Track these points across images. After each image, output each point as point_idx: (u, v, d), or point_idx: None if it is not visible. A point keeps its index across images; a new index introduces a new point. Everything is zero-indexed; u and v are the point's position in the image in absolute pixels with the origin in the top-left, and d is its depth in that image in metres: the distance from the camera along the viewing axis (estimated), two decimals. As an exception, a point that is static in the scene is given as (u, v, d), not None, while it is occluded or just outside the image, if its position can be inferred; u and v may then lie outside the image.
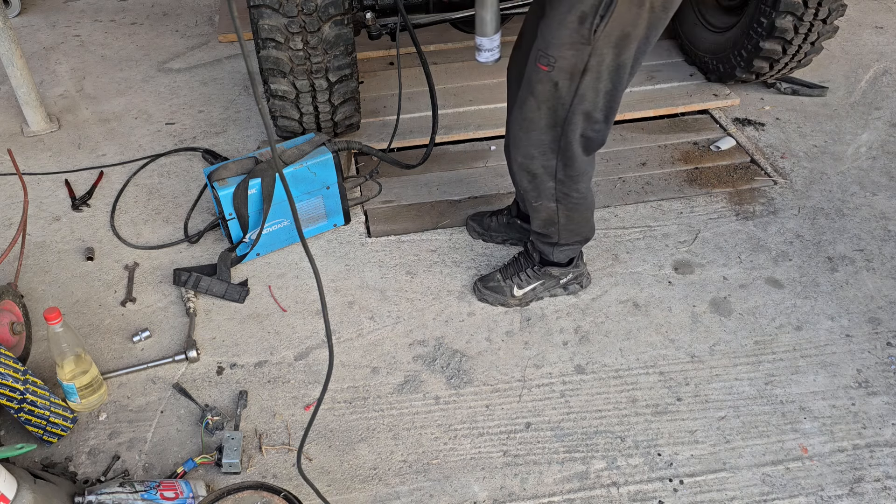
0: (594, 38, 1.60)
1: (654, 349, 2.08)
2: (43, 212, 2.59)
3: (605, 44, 1.62)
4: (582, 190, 1.96)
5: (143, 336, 2.12)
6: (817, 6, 2.62)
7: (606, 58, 1.65)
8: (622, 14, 1.57)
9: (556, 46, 1.66)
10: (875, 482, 1.76)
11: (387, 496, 1.76)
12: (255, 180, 2.23)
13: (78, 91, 3.24)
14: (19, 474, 1.53)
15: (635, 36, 1.63)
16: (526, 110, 1.81)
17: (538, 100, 1.77)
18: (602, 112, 1.76)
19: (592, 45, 1.62)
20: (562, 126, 1.79)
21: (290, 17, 2.18)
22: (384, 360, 2.07)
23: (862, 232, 2.43)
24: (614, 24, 1.59)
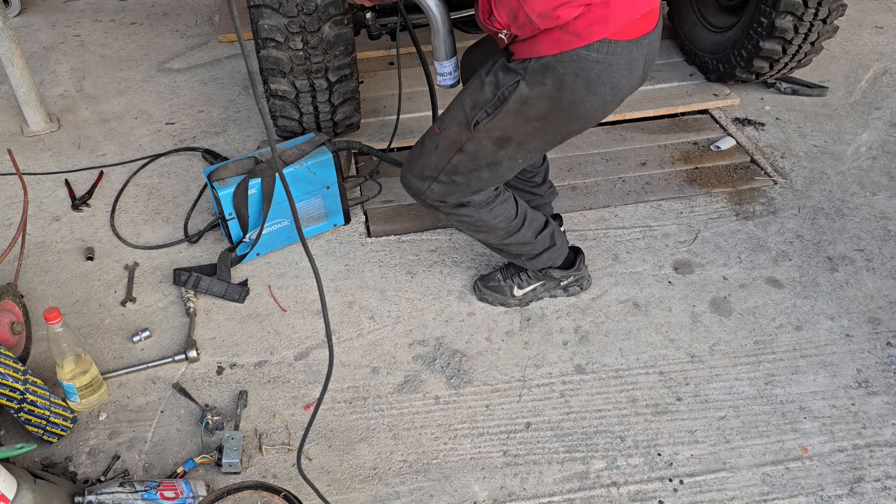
0: (475, 128, 1.68)
1: (654, 349, 2.08)
2: (43, 212, 2.59)
3: (485, 136, 1.70)
4: (471, 214, 1.92)
5: (143, 336, 2.12)
6: (817, 6, 2.62)
7: (484, 149, 1.73)
8: (506, 119, 1.63)
9: (450, 118, 1.75)
10: (875, 482, 1.76)
11: (387, 496, 1.76)
12: (255, 180, 2.23)
13: (78, 91, 3.24)
14: (19, 474, 1.53)
15: (516, 141, 1.70)
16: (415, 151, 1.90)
17: (423, 150, 1.86)
18: (469, 190, 1.84)
19: (472, 133, 1.70)
20: (430, 181, 1.86)
21: (290, 17, 2.18)
22: (384, 360, 2.07)
23: (862, 232, 2.43)
24: (496, 124, 1.65)
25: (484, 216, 1.93)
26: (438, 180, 1.85)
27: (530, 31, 1.49)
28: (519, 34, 1.53)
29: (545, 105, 1.58)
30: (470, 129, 1.69)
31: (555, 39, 1.48)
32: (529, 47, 1.53)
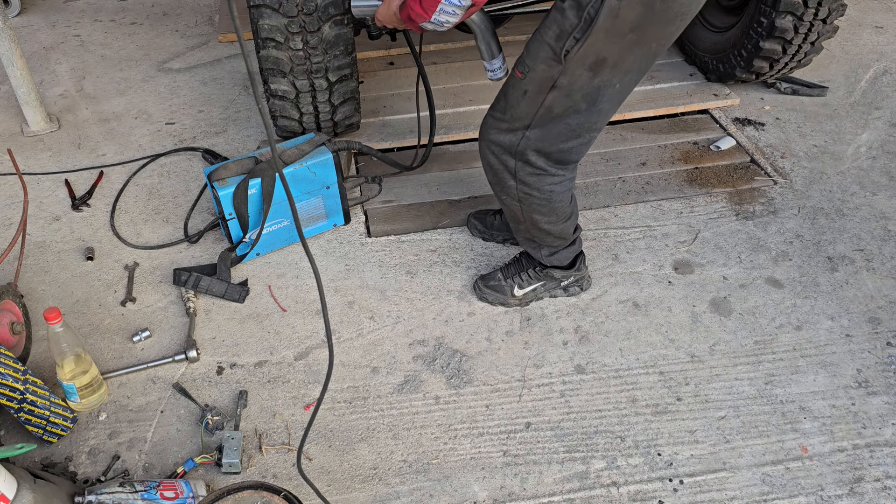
0: (566, 59, 1.61)
1: (654, 349, 2.08)
2: (43, 212, 2.59)
3: (578, 65, 1.62)
4: (545, 191, 1.90)
5: (143, 336, 2.12)
6: (817, 6, 2.62)
7: (580, 79, 1.65)
8: (598, 40, 1.56)
9: (533, 57, 1.68)
10: (875, 482, 1.76)
11: (387, 496, 1.76)
12: (255, 180, 2.23)
13: (78, 91, 3.24)
14: (19, 474, 1.53)
15: (612, 62, 1.62)
16: (497, 107, 1.85)
17: (508, 102, 1.80)
18: (570, 133, 1.77)
19: (564, 65, 1.62)
20: (522, 132, 1.80)
21: (290, 17, 2.18)
22: (384, 359, 2.07)
23: (862, 232, 2.43)
24: (588, 49, 1.58)
25: (559, 191, 1.90)
26: (532, 127, 1.77)
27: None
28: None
29: (637, 11, 1.52)
30: (561, 62, 1.62)
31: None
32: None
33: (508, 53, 2.95)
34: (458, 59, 3.19)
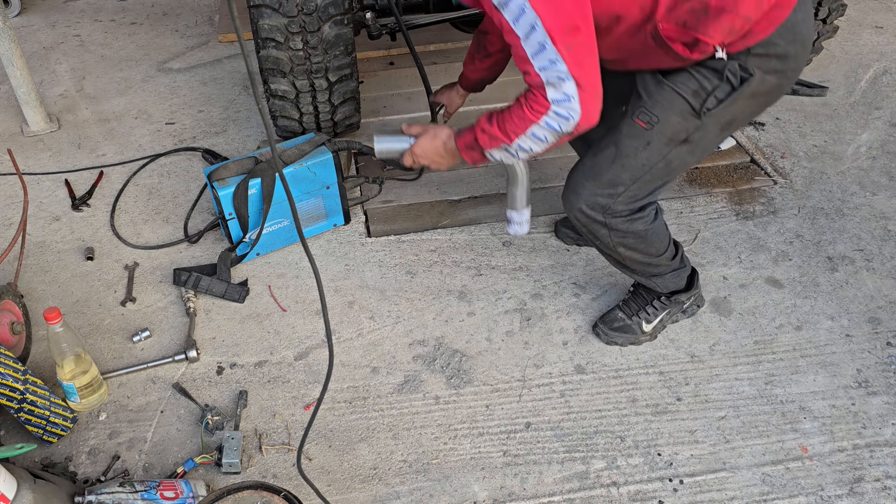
0: (705, 115, 1.63)
1: (654, 349, 2.08)
2: (43, 212, 2.59)
3: (715, 123, 1.66)
4: (640, 231, 1.83)
5: (143, 336, 2.12)
6: (817, 6, 2.62)
7: (710, 135, 1.69)
8: (739, 104, 1.63)
9: (664, 109, 1.66)
10: (875, 482, 1.76)
11: (387, 496, 1.76)
12: (255, 180, 2.23)
13: (78, 91, 3.24)
14: (19, 474, 1.53)
15: (738, 122, 1.70)
16: (600, 159, 1.77)
17: (620, 153, 1.74)
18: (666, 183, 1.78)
19: (702, 120, 1.65)
20: (624, 189, 1.76)
21: (290, 17, 2.18)
22: (384, 359, 2.07)
23: (862, 232, 2.43)
24: (728, 109, 1.63)
25: (654, 227, 1.85)
26: (636, 182, 1.74)
27: (746, 30, 1.56)
28: (734, 39, 1.58)
29: (774, 81, 1.63)
30: (699, 117, 1.65)
31: (768, 20, 1.56)
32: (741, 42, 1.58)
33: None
34: (459, 59, 3.18)
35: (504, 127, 1.61)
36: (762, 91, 1.64)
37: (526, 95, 1.57)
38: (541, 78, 1.51)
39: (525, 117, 1.57)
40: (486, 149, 1.67)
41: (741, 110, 1.67)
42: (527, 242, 2.42)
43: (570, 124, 1.54)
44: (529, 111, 1.56)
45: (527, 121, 1.56)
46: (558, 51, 1.46)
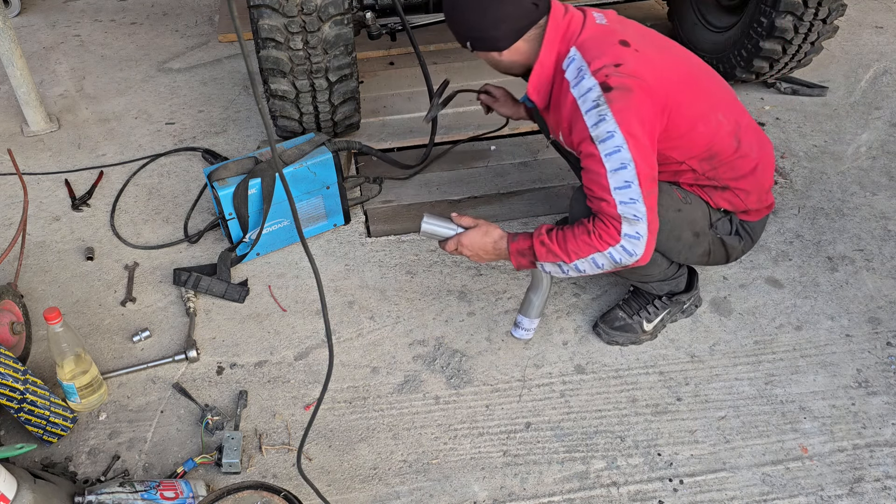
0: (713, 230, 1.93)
1: (654, 349, 2.08)
2: (43, 212, 2.59)
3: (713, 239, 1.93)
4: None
5: (143, 336, 2.12)
6: (817, 6, 2.62)
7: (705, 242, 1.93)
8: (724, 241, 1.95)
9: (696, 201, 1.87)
10: (875, 482, 1.76)
11: (387, 496, 1.76)
12: (255, 180, 2.23)
13: (78, 91, 3.24)
14: (19, 474, 1.53)
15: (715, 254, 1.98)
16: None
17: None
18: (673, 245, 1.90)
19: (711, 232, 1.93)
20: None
21: (290, 17, 2.18)
22: (384, 359, 2.07)
23: (862, 232, 2.43)
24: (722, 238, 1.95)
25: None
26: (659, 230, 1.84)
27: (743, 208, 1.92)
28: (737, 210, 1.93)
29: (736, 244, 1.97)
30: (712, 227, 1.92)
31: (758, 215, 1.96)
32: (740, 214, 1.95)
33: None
34: (459, 59, 3.19)
35: (566, 247, 1.71)
36: (732, 244, 1.95)
37: (595, 223, 1.68)
38: (618, 211, 1.64)
39: (591, 244, 1.67)
40: (540, 260, 1.76)
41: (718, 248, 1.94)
42: (527, 242, 2.42)
43: (631, 260, 1.66)
44: (598, 240, 1.67)
45: (593, 248, 1.67)
46: (642, 192, 1.62)
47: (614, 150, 1.61)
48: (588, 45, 1.68)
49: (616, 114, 1.60)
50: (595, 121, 1.63)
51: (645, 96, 1.63)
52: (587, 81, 1.64)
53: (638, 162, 1.61)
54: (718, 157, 1.81)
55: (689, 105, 1.73)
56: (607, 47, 1.66)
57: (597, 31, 1.71)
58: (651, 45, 1.73)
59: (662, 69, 1.69)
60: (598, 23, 1.73)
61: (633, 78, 1.62)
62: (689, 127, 1.74)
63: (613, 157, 1.62)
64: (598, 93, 1.62)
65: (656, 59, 1.70)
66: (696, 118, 1.74)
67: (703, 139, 1.77)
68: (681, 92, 1.71)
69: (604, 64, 1.63)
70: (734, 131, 1.81)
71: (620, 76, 1.61)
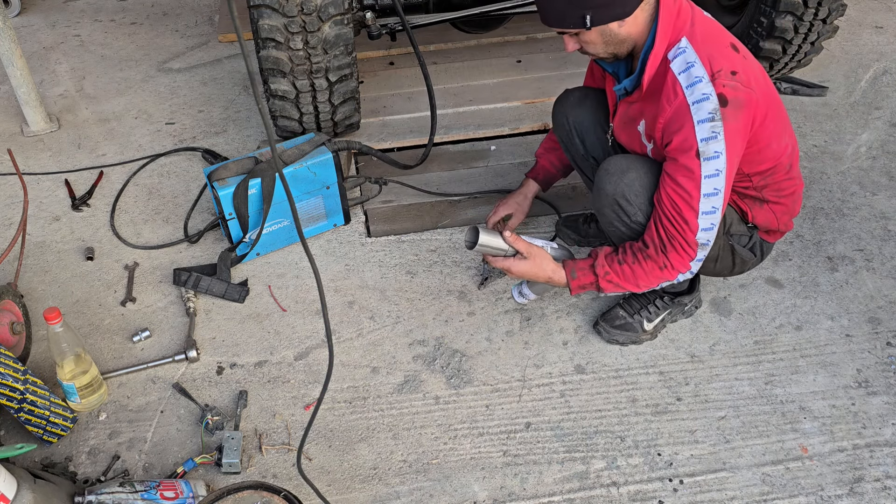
0: (730, 237, 1.91)
1: (654, 349, 2.08)
2: (43, 212, 2.59)
3: (724, 245, 1.90)
4: None
5: (143, 336, 2.12)
6: (817, 6, 2.62)
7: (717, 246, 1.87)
8: (736, 251, 1.94)
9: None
10: (875, 482, 1.76)
11: (387, 496, 1.76)
12: (255, 180, 2.23)
13: (78, 91, 3.24)
14: (19, 474, 1.53)
15: (723, 261, 1.95)
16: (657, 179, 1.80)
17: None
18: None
19: (726, 238, 1.89)
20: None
21: (290, 17, 2.18)
22: (384, 360, 2.07)
23: (862, 232, 2.43)
24: (734, 248, 1.94)
25: None
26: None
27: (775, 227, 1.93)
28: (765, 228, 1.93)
29: (749, 257, 1.96)
30: (726, 234, 1.89)
31: (774, 235, 1.97)
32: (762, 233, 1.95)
33: (507, 54, 2.96)
34: (459, 59, 3.19)
35: (636, 281, 1.74)
36: (743, 257, 1.94)
37: (668, 255, 1.67)
38: (696, 238, 1.63)
39: (663, 277, 1.71)
40: (605, 292, 1.79)
41: (727, 255, 1.91)
42: (527, 242, 2.42)
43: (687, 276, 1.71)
44: (670, 272, 1.70)
45: (664, 279, 1.71)
46: (718, 220, 1.63)
47: (714, 174, 1.57)
48: (700, 39, 1.61)
49: (728, 134, 1.56)
50: (707, 136, 1.57)
51: (751, 111, 1.59)
52: (704, 86, 1.57)
53: (727, 187, 1.59)
54: (773, 177, 1.80)
55: (773, 122, 1.70)
56: (721, 49, 1.60)
57: (707, 25, 1.64)
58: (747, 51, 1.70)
59: (766, 81, 1.66)
60: (706, 15, 1.67)
61: (747, 90, 1.57)
62: (766, 144, 1.71)
63: (712, 180, 1.58)
64: (716, 105, 1.56)
65: (757, 68, 1.66)
66: (772, 136, 1.72)
67: (772, 156, 1.76)
68: (770, 107, 1.68)
69: (721, 68, 1.57)
70: (791, 154, 1.81)
71: (736, 88, 1.56)
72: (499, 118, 2.86)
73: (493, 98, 2.96)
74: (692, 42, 1.60)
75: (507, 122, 2.84)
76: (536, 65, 3.11)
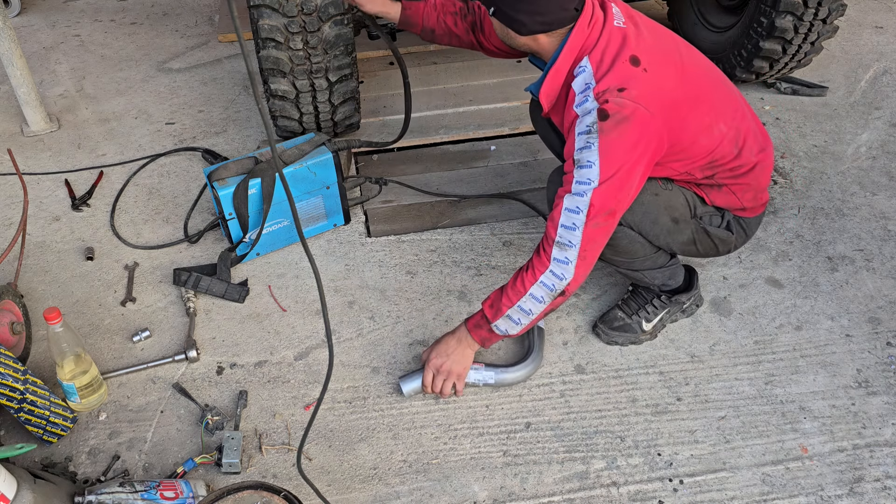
0: (696, 219, 1.94)
1: (654, 349, 2.08)
2: (43, 212, 2.59)
3: (695, 228, 1.94)
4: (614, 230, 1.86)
5: (143, 336, 2.12)
6: (817, 6, 2.62)
7: (686, 231, 1.93)
8: (711, 232, 1.97)
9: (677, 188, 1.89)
10: (875, 482, 1.76)
11: (387, 496, 1.76)
12: (255, 180, 2.23)
13: (78, 91, 3.24)
14: (19, 474, 1.53)
15: (701, 242, 1.99)
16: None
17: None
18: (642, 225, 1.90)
19: (693, 220, 1.93)
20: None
21: (290, 17, 2.18)
22: (384, 359, 2.07)
23: (862, 232, 2.43)
24: (708, 230, 1.96)
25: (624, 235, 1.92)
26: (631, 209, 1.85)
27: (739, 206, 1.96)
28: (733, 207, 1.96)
29: (726, 236, 1.98)
30: (694, 216, 1.93)
31: (753, 212, 1.99)
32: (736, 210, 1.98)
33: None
34: (459, 59, 3.19)
35: (508, 293, 1.78)
36: (721, 237, 1.96)
37: (531, 259, 1.75)
38: (555, 233, 1.70)
39: (526, 279, 1.75)
40: (492, 322, 1.81)
41: (703, 237, 1.95)
42: (527, 242, 2.42)
43: (562, 284, 1.72)
44: (531, 273, 1.74)
45: (529, 282, 1.74)
46: (585, 223, 1.66)
47: (585, 181, 1.64)
48: (599, 56, 1.67)
49: (602, 145, 1.62)
50: (581, 145, 1.65)
51: (641, 125, 1.63)
52: (589, 103, 1.64)
53: (597, 197, 1.64)
54: (717, 163, 1.82)
55: (693, 121, 1.74)
56: (618, 64, 1.64)
57: (612, 39, 1.68)
58: (660, 56, 1.71)
59: (668, 89, 1.68)
60: (616, 24, 1.70)
61: (634, 105, 1.61)
62: (691, 142, 1.75)
63: (580, 185, 1.65)
64: (594, 119, 1.63)
65: (663, 76, 1.68)
66: (698, 132, 1.75)
67: (705, 151, 1.79)
68: (685, 109, 1.71)
69: (608, 87, 1.63)
70: (735, 139, 1.82)
71: (620, 103, 1.61)
72: (499, 118, 2.86)
73: (493, 98, 2.96)
74: (592, 61, 1.67)
75: (507, 122, 2.84)
76: (536, 65, 3.11)
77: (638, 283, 2.08)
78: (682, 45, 1.84)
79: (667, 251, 1.99)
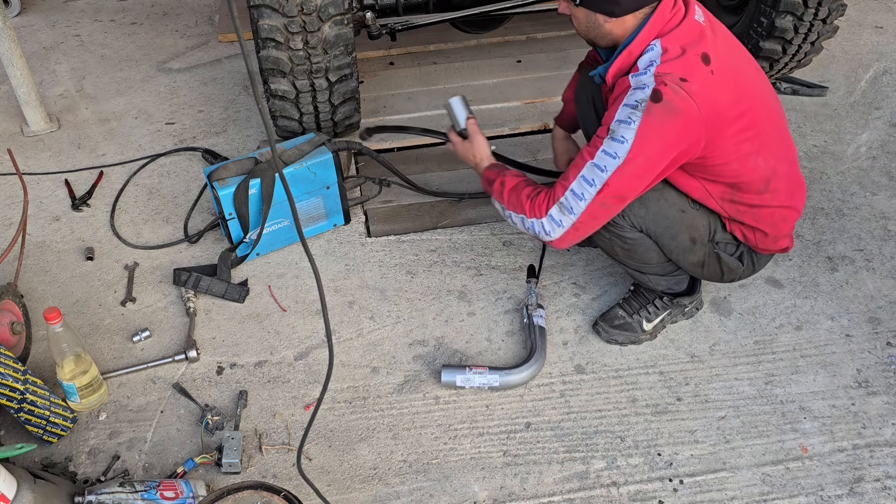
0: (714, 245, 1.93)
1: (654, 349, 2.08)
2: (43, 212, 2.59)
3: (710, 252, 1.93)
4: (635, 237, 1.87)
5: (143, 336, 2.12)
6: (817, 6, 2.62)
7: (700, 252, 1.92)
8: (724, 260, 1.96)
9: (702, 209, 1.87)
10: (875, 482, 1.76)
11: (387, 496, 1.76)
12: (255, 180, 2.23)
13: (78, 91, 3.24)
14: (19, 474, 1.53)
15: (710, 266, 1.98)
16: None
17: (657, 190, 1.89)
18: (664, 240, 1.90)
19: (711, 245, 1.92)
20: (642, 216, 1.85)
21: (290, 17, 2.18)
22: (384, 359, 2.07)
23: (862, 232, 2.43)
24: (721, 257, 1.95)
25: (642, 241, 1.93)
26: (654, 221, 1.86)
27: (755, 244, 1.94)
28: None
29: (736, 266, 1.97)
30: (712, 241, 1.92)
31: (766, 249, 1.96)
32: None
33: (507, 54, 2.96)
34: (459, 59, 3.19)
35: (509, 197, 1.84)
36: (730, 266, 1.95)
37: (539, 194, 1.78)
38: (563, 194, 1.72)
39: (523, 206, 1.80)
40: (493, 196, 1.92)
41: (713, 262, 1.94)
42: (527, 243, 2.42)
43: (545, 239, 1.78)
44: (529, 207, 1.78)
45: (521, 210, 1.80)
46: (593, 198, 1.68)
47: (612, 154, 1.62)
48: (672, 42, 1.63)
49: (642, 126, 1.59)
50: (623, 118, 1.61)
51: (687, 122, 1.60)
52: (647, 78, 1.60)
53: (615, 178, 1.63)
54: (741, 196, 1.80)
55: (735, 144, 1.70)
56: (688, 55, 1.61)
57: (690, 30, 1.64)
58: (728, 69, 1.67)
59: (725, 102, 1.65)
60: (696, 19, 1.67)
61: (690, 99, 1.58)
62: (724, 162, 1.72)
63: (605, 157, 1.63)
64: (646, 96, 1.59)
65: (722, 88, 1.65)
66: (734, 157, 1.72)
67: (733, 174, 1.76)
68: (733, 129, 1.68)
69: (671, 72, 1.59)
70: (768, 176, 1.79)
71: (677, 92, 1.57)
72: (499, 118, 2.86)
73: (493, 98, 2.96)
74: (663, 44, 1.64)
75: (507, 122, 2.84)
76: (536, 65, 3.11)
77: (642, 284, 2.07)
78: (753, 70, 1.79)
79: (675, 265, 1.99)
